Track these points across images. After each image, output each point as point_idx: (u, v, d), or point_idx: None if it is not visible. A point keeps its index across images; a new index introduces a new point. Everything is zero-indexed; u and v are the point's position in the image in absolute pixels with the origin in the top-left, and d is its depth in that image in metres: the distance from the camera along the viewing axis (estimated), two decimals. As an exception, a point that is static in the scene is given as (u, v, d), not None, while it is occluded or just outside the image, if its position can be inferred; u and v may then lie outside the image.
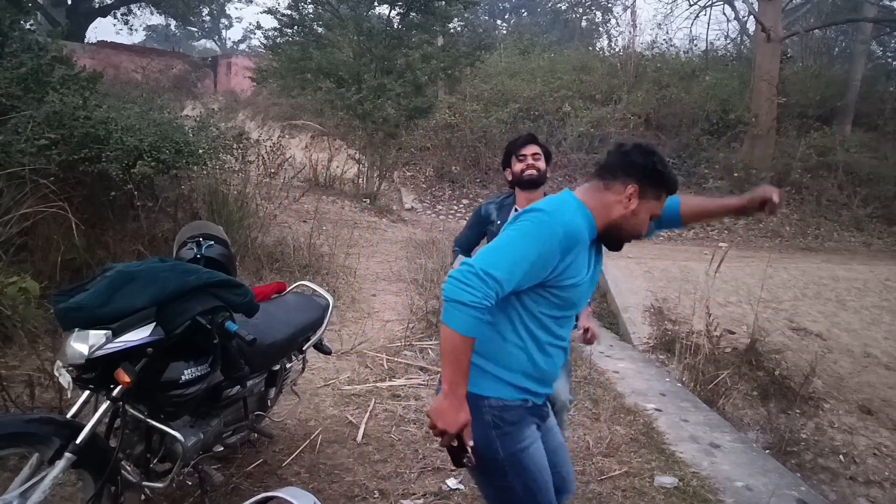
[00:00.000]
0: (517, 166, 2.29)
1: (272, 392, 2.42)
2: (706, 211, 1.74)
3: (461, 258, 2.34)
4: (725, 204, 1.77)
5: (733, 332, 5.25)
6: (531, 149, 2.30)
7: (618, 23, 25.92)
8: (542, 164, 2.29)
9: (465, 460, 1.33)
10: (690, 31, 45.78)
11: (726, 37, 20.83)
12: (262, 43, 15.05)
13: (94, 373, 1.69)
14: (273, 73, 12.36)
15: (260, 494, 1.64)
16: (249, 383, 2.18)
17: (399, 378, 3.47)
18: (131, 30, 28.16)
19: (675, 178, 1.47)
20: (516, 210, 2.31)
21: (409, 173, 10.95)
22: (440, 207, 10.07)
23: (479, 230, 2.43)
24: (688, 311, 5.12)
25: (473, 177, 10.69)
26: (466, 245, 2.47)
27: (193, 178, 4.58)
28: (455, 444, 1.32)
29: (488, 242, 2.24)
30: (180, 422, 1.90)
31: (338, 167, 9.17)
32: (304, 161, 8.75)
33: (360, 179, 9.22)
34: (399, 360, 3.72)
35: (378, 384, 3.41)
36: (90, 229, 3.72)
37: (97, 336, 1.66)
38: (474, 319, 1.25)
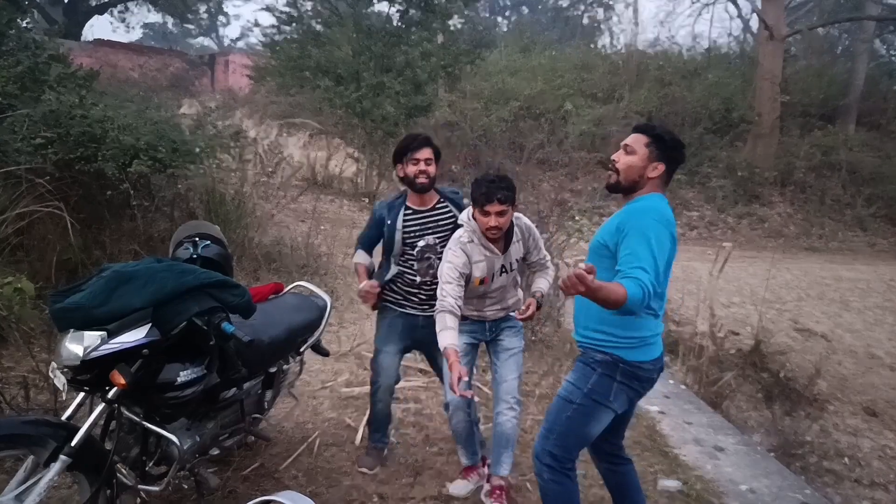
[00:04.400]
0: (410, 168, 2.29)
1: (269, 394, 2.39)
2: None
3: (360, 253, 2.49)
4: None
5: (737, 334, 5.22)
6: (425, 153, 2.28)
7: (619, 20, 25.95)
8: (432, 169, 2.30)
9: None
10: (693, 28, 45.75)
11: (729, 35, 20.84)
12: (260, 40, 15.04)
13: (90, 374, 1.67)
14: (271, 71, 12.35)
15: (257, 498, 1.61)
16: (246, 385, 2.16)
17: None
18: (128, 27, 28.14)
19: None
20: (411, 210, 2.35)
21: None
22: (441, 206, 10.01)
23: (377, 230, 2.42)
24: (691, 312, 5.08)
25: (473, 175, 10.64)
26: (368, 244, 2.50)
27: (190, 177, 4.55)
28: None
29: (385, 241, 2.38)
30: (176, 424, 1.88)
31: (336, 166, 9.13)
32: (302, 160, 8.72)
33: (359, 178, 9.19)
34: (399, 360, 3.68)
35: (378, 385, 3.38)
36: (86, 229, 3.69)
37: (92, 337, 1.64)
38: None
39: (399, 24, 10.64)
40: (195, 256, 2.06)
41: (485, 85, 12.27)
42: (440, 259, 2.24)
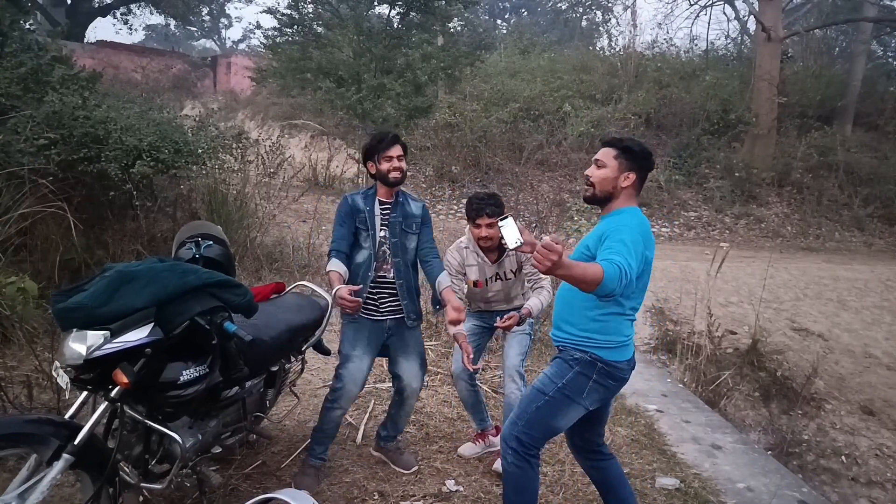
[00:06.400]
0: (383, 165, 2.36)
1: (271, 393, 2.41)
2: None
3: (335, 261, 2.28)
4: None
5: (735, 333, 5.24)
6: (397, 150, 2.36)
7: (618, 22, 25.98)
8: (404, 165, 2.39)
9: None
10: (691, 30, 45.88)
11: (727, 36, 20.88)
12: (261, 42, 15.11)
13: (93, 373, 1.68)
14: (273, 73, 12.40)
15: (259, 496, 1.63)
16: (248, 384, 2.17)
17: (399, 378, 3.45)
18: (131, 29, 28.19)
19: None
20: (379, 201, 2.41)
21: (408, 173, 10.95)
22: (440, 207, 10.04)
23: (351, 221, 2.38)
24: (689, 311, 5.11)
25: (473, 177, 10.66)
26: (343, 244, 2.34)
27: (192, 177, 4.57)
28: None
29: (363, 230, 2.35)
30: (179, 423, 1.89)
31: (337, 167, 9.15)
32: (304, 161, 8.72)
33: (360, 179, 9.21)
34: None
35: (377, 385, 3.40)
36: (89, 229, 3.71)
37: (95, 336, 1.65)
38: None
39: (399, 26, 10.69)
40: (197, 256, 2.08)
41: (484, 87, 12.28)
42: (392, 252, 2.38)
